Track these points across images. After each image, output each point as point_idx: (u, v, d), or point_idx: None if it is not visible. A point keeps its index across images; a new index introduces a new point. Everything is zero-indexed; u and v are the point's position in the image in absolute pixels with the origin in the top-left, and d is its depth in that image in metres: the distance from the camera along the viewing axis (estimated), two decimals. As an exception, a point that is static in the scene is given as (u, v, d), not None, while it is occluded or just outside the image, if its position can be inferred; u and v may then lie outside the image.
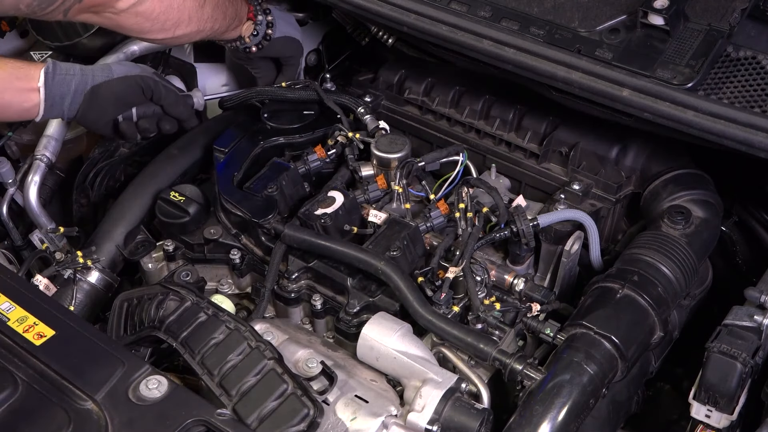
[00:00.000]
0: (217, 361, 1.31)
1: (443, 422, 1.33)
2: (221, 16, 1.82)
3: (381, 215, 1.65)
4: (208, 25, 1.80)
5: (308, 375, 1.38)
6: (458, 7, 1.68)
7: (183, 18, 1.73)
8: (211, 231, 1.70)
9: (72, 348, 1.30)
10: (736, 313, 1.42)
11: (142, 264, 1.75)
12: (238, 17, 1.88)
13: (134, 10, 1.65)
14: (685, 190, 1.65)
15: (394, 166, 1.75)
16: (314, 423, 1.26)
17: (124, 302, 1.49)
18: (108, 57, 2.08)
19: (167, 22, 1.71)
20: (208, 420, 1.20)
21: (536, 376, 1.37)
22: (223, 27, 1.85)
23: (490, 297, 1.55)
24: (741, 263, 1.83)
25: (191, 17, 1.74)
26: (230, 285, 1.73)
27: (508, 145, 1.82)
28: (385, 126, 1.87)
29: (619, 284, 1.48)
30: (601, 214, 1.71)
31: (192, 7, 1.74)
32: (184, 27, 1.75)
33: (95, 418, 1.21)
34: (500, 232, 1.62)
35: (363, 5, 1.77)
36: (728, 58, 1.50)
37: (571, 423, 1.32)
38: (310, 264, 1.61)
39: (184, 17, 1.73)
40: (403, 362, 1.40)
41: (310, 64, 2.25)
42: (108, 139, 2.00)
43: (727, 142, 1.44)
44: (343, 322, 1.52)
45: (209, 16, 1.78)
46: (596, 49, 1.55)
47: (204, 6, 1.76)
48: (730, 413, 1.39)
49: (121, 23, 1.69)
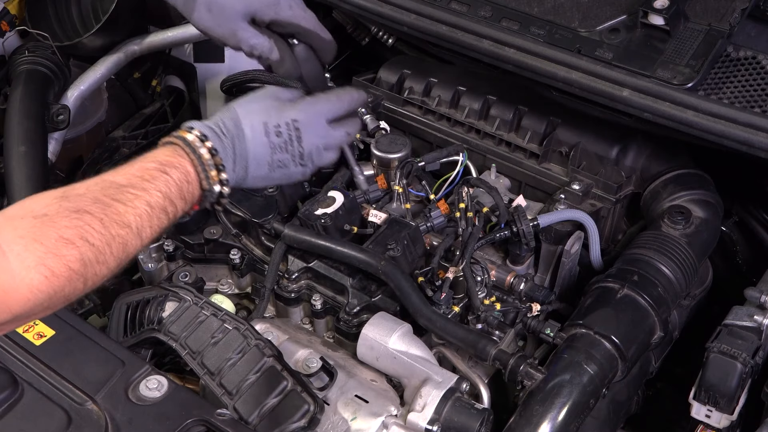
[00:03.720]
0: (216, 361, 1.32)
1: (443, 422, 1.33)
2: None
3: (381, 215, 1.65)
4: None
5: (308, 372, 1.38)
6: (458, 6, 1.68)
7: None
8: (211, 231, 1.70)
9: (72, 348, 1.30)
10: (736, 313, 1.42)
11: (142, 264, 1.75)
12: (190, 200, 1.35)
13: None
14: (685, 190, 1.65)
15: (394, 166, 1.75)
16: (315, 419, 1.26)
17: (124, 304, 1.49)
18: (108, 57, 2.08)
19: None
20: (208, 420, 1.20)
21: (536, 376, 1.37)
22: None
23: (490, 297, 1.55)
24: (741, 263, 1.83)
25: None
26: (230, 285, 1.72)
27: (508, 145, 1.82)
28: (385, 126, 1.87)
29: (619, 284, 1.48)
30: (601, 214, 1.71)
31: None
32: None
33: (95, 418, 1.21)
34: (500, 232, 1.62)
35: (363, 5, 1.77)
36: (728, 58, 1.50)
37: (571, 423, 1.32)
38: (310, 264, 1.61)
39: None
40: (403, 362, 1.40)
41: (310, 64, 2.25)
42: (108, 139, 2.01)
43: (727, 142, 1.44)
44: (343, 322, 1.52)
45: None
46: (596, 49, 1.55)
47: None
48: (730, 413, 1.39)
49: None
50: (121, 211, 1.13)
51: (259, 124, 1.35)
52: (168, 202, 1.21)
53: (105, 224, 1.10)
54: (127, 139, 2.27)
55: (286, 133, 1.37)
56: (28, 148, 1.86)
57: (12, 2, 2.05)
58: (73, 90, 2.05)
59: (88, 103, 2.14)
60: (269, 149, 1.36)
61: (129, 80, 2.24)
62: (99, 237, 1.09)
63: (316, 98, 1.43)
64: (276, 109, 1.38)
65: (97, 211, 1.10)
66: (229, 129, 1.33)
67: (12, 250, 1.01)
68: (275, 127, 1.36)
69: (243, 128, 1.34)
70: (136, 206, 1.15)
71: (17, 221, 1.04)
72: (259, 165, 1.36)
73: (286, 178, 1.42)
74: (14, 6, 2.06)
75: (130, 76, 2.23)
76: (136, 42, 2.11)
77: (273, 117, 1.36)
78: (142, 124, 2.30)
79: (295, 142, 1.38)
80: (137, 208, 1.15)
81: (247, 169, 1.34)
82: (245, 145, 1.34)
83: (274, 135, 1.36)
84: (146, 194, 1.17)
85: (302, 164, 1.40)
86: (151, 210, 1.17)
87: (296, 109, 1.39)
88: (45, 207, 1.07)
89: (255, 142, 1.34)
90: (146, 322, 1.43)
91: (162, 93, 2.30)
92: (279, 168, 1.38)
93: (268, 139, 1.36)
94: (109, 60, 2.09)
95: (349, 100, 1.46)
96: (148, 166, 1.22)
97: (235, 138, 1.33)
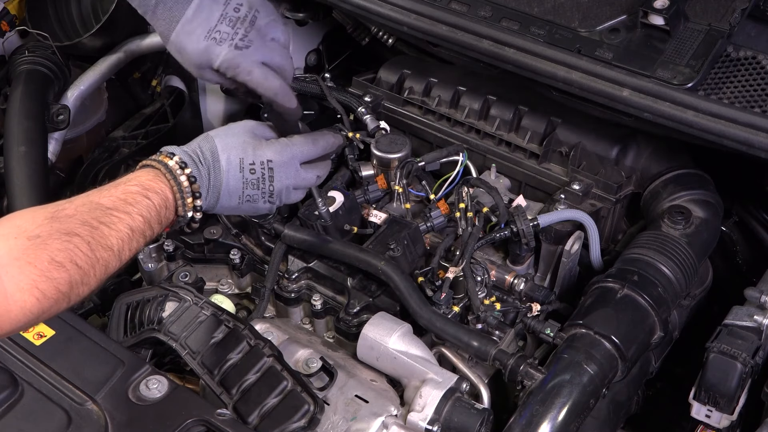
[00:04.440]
0: (216, 361, 1.32)
1: (443, 422, 1.33)
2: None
3: (381, 215, 1.65)
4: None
5: (308, 372, 1.38)
6: (458, 7, 1.68)
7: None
8: (211, 231, 1.70)
9: (72, 348, 1.30)
10: (736, 313, 1.42)
11: (142, 264, 1.75)
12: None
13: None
14: (685, 190, 1.65)
15: (394, 166, 1.75)
16: (315, 419, 1.26)
17: (124, 304, 1.49)
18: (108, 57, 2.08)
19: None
20: (208, 420, 1.20)
21: (536, 376, 1.37)
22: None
23: (490, 297, 1.55)
24: (741, 263, 1.83)
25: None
26: (230, 285, 1.73)
27: (508, 145, 1.82)
28: (385, 126, 1.87)
29: (619, 284, 1.48)
30: (601, 214, 1.71)
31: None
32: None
33: (95, 418, 1.21)
34: (500, 232, 1.62)
35: (363, 5, 1.77)
36: (728, 58, 1.50)
37: (571, 423, 1.32)
38: (310, 264, 1.61)
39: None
40: (403, 362, 1.40)
41: (310, 64, 2.25)
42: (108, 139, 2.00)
43: (727, 142, 1.44)
44: (343, 322, 1.52)
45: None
46: (596, 49, 1.55)
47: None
48: (730, 413, 1.39)
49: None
50: (106, 234, 1.17)
51: (235, 159, 1.39)
52: (147, 226, 1.25)
53: (92, 247, 1.14)
54: (127, 139, 2.27)
55: (259, 172, 1.41)
56: (28, 148, 1.86)
57: (12, 2, 2.05)
58: (73, 90, 2.05)
59: (88, 103, 2.14)
60: (241, 184, 1.40)
61: (129, 80, 2.24)
62: (86, 260, 1.12)
63: (292, 141, 1.45)
64: (253, 146, 1.41)
65: (86, 234, 1.14)
66: (207, 159, 1.37)
67: (7, 273, 1.04)
68: (250, 165, 1.40)
69: (220, 160, 1.38)
70: (119, 229, 1.19)
71: (11, 241, 1.07)
72: (230, 197, 1.40)
73: (252, 211, 1.46)
74: (14, 6, 2.06)
75: (130, 76, 2.23)
76: (136, 42, 2.10)
77: (249, 154, 1.40)
78: (142, 124, 2.30)
79: (267, 181, 1.42)
80: (120, 231, 1.19)
81: (218, 199, 1.39)
82: (220, 177, 1.38)
83: (248, 172, 1.40)
84: (129, 218, 1.21)
85: (270, 201, 1.44)
86: (132, 233, 1.21)
87: (272, 150, 1.42)
88: (37, 228, 1.10)
89: (229, 176, 1.39)
90: (146, 322, 1.43)
91: (162, 93, 2.29)
92: (248, 202, 1.43)
93: (242, 174, 1.40)
94: (109, 60, 2.09)
95: (324, 145, 1.49)
96: (131, 189, 1.26)
97: (211, 168, 1.37)
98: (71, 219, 1.14)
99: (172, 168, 1.32)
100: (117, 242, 1.18)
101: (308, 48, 2.22)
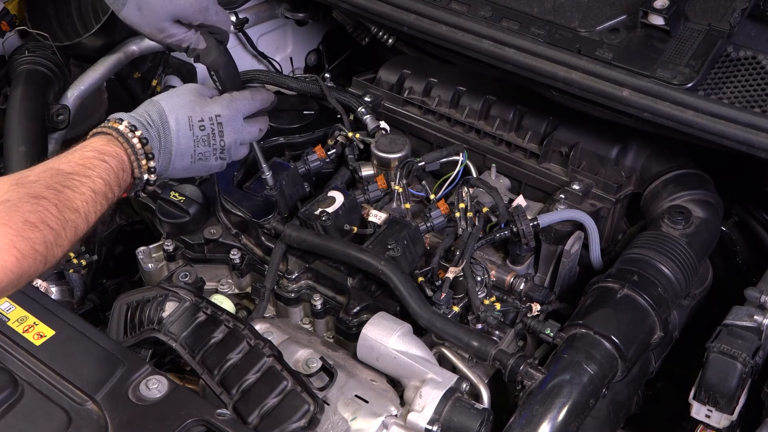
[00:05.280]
0: (217, 361, 1.32)
1: (443, 422, 1.33)
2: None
3: (381, 215, 1.65)
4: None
5: (308, 372, 1.38)
6: (458, 7, 1.68)
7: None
8: (211, 231, 1.70)
9: (72, 348, 1.30)
10: (736, 313, 1.42)
11: (142, 264, 1.75)
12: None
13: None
14: (685, 190, 1.65)
15: (394, 166, 1.75)
16: (315, 419, 1.26)
17: (124, 304, 1.49)
18: (108, 57, 2.08)
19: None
20: (208, 420, 1.20)
21: (536, 376, 1.37)
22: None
23: (490, 297, 1.55)
24: (741, 263, 1.83)
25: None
26: (230, 285, 1.72)
27: (508, 145, 1.82)
28: (385, 126, 1.87)
29: (619, 284, 1.48)
30: (601, 214, 1.71)
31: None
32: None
33: (95, 418, 1.21)
34: (500, 232, 1.62)
35: (363, 5, 1.77)
36: (728, 58, 1.50)
37: (571, 423, 1.32)
38: (310, 264, 1.61)
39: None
40: (403, 362, 1.40)
41: (310, 64, 2.25)
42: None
43: (727, 142, 1.44)
44: (343, 322, 1.52)
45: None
46: (596, 49, 1.55)
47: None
48: (730, 413, 1.39)
49: None
50: (71, 197, 1.21)
51: (183, 118, 1.45)
52: (108, 189, 1.30)
53: (60, 209, 1.18)
54: (127, 139, 2.26)
55: (209, 127, 1.47)
56: (28, 148, 1.86)
57: (12, 2, 2.05)
58: (73, 90, 2.05)
59: (88, 103, 2.13)
60: (192, 142, 1.46)
61: (129, 80, 2.23)
62: (56, 221, 1.17)
63: (233, 96, 1.53)
64: (199, 104, 1.48)
65: (52, 197, 1.18)
66: (155, 121, 1.42)
67: None
68: (200, 122, 1.46)
69: (168, 121, 1.43)
70: (83, 192, 1.23)
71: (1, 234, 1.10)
72: (183, 157, 1.45)
73: (204, 170, 1.53)
74: (14, 6, 2.06)
75: (130, 76, 2.23)
76: (136, 42, 2.10)
77: (197, 112, 1.46)
78: (142, 124, 2.29)
79: (218, 136, 1.48)
80: (84, 194, 1.23)
81: (170, 160, 1.44)
82: (170, 137, 1.43)
83: (198, 129, 1.46)
84: (90, 181, 1.26)
85: (221, 158, 1.51)
86: (95, 196, 1.26)
87: (218, 105, 1.49)
88: (6, 193, 1.14)
89: (179, 135, 1.44)
90: (146, 322, 1.43)
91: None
92: (200, 161, 1.48)
93: (192, 132, 1.45)
94: (109, 60, 2.09)
95: (261, 99, 1.57)
96: (88, 155, 1.31)
97: (161, 130, 1.42)
98: (35, 184, 1.19)
99: (122, 131, 1.37)
100: (82, 204, 1.22)
101: (308, 48, 2.23)
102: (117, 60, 2.10)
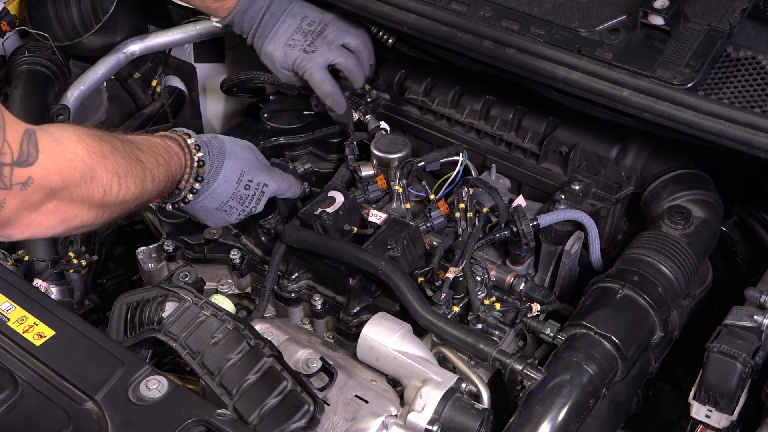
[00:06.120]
0: (216, 361, 1.32)
1: (443, 422, 1.33)
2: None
3: (381, 215, 1.65)
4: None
5: (308, 372, 1.38)
6: (458, 7, 1.68)
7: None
8: (212, 231, 1.70)
9: (72, 348, 1.30)
10: (736, 313, 1.42)
11: (142, 264, 1.75)
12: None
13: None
14: (685, 190, 1.65)
15: (394, 166, 1.75)
16: (315, 419, 1.26)
17: (124, 304, 1.49)
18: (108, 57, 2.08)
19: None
20: (208, 420, 1.19)
21: (536, 376, 1.37)
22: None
23: (490, 297, 1.55)
24: (741, 263, 1.83)
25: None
26: (230, 285, 1.73)
27: (508, 145, 1.82)
28: (385, 126, 1.87)
29: (619, 284, 1.48)
30: (601, 214, 1.71)
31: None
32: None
33: (95, 418, 1.21)
34: (500, 232, 1.62)
35: (363, 5, 1.77)
36: (728, 58, 1.50)
37: (571, 423, 1.32)
38: (310, 264, 1.61)
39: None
40: (403, 362, 1.40)
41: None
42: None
43: (727, 142, 1.44)
44: (343, 323, 1.52)
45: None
46: (596, 49, 1.55)
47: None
48: (730, 413, 1.39)
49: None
50: (138, 155, 1.30)
51: (237, 169, 1.50)
52: (163, 179, 1.37)
53: (129, 155, 1.28)
54: (127, 139, 2.26)
55: (253, 190, 1.54)
56: (28, 148, 1.85)
57: (12, 2, 2.05)
58: (73, 90, 2.05)
59: (88, 103, 2.14)
60: (231, 194, 1.51)
61: (129, 80, 2.24)
62: (125, 162, 1.25)
63: (283, 175, 1.64)
64: (256, 166, 1.54)
65: (122, 148, 1.27)
66: (215, 154, 1.47)
67: (59, 134, 1.17)
68: (248, 181, 1.52)
69: (224, 161, 1.48)
70: (148, 159, 1.32)
71: (69, 130, 1.21)
72: (214, 199, 1.50)
73: (218, 222, 1.59)
74: (14, 6, 2.06)
75: (130, 76, 2.23)
76: (136, 42, 2.10)
77: (252, 171, 1.53)
78: (142, 124, 2.29)
79: (255, 201, 1.55)
80: (149, 161, 1.32)
81: (204, 195, 1.48)
82: (216, 177, 1.47)
83: (243, 186, 1.52)
84: (157, 160, 1.34)
85: (239, 219, 1.57)
86: (158, 166, 1.35)
87: (271, 177, 1.57)
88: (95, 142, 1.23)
89: (225, 180, 1.48)
90: (146, 322, 1.43)
91: (162, 93, 2.29)
92: (224, 211, 1.53)
93: (237, 185, 1.51)
94: (109, 60, 2.09)
95: (294, 191, 1.68)
96: (157, 141, 1.38)
97: (215, 165, 1.46)
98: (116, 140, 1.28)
99: (190, 145, 1.42)
100: (148, 160, 1.31)
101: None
102: (117, 60, 2.10)
